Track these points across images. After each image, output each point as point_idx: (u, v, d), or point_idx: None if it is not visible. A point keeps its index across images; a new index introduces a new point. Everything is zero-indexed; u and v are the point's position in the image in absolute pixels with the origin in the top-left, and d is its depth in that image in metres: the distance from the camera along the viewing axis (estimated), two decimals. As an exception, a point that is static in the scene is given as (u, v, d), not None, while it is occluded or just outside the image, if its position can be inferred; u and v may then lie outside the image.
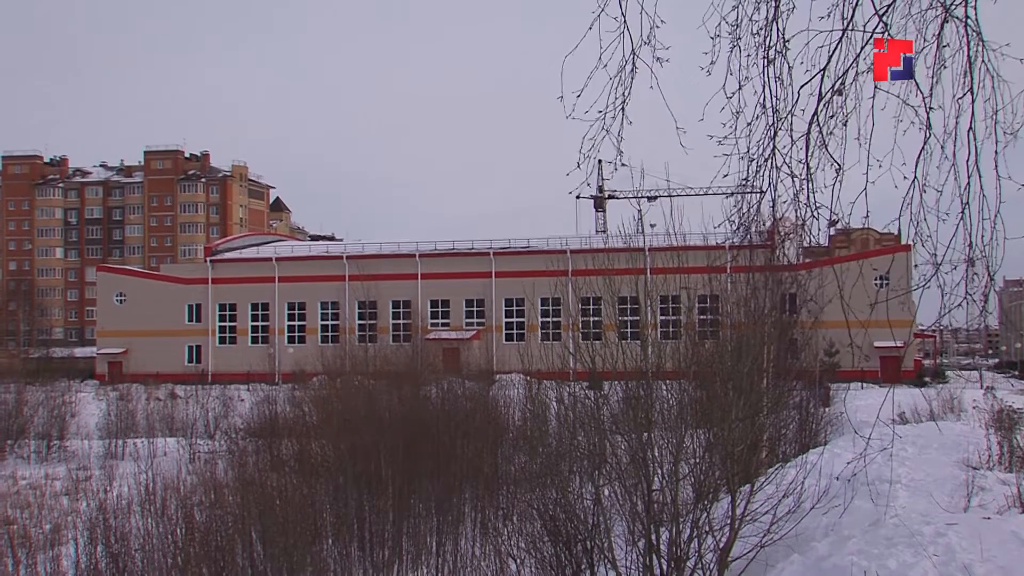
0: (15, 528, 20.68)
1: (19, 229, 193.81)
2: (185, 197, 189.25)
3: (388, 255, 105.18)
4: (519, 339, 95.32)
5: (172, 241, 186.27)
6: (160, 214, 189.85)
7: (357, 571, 19.08)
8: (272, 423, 35.78)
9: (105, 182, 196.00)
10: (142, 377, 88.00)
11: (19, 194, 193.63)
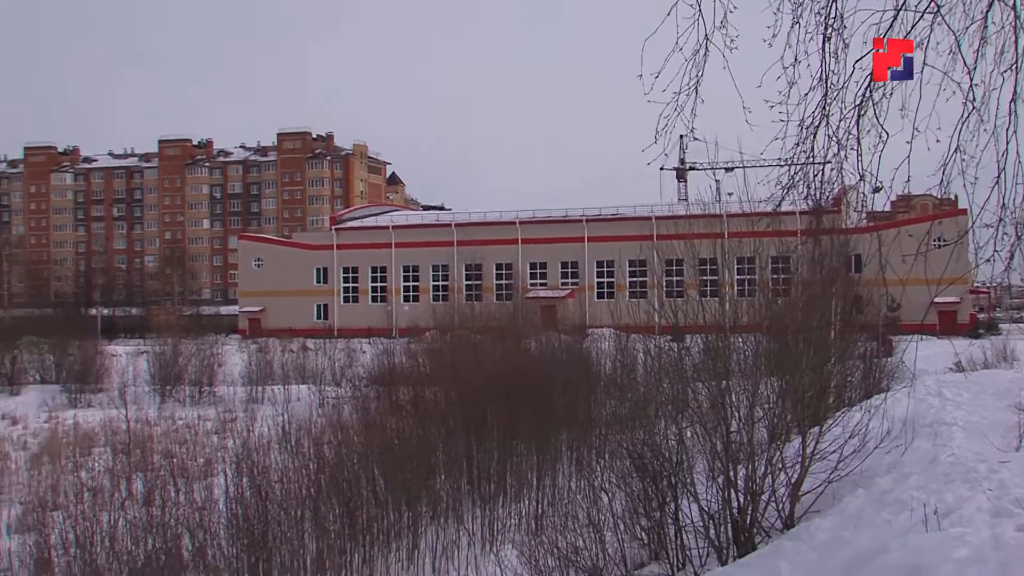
0: (175, 461, 20.93)
1: (172, 203, 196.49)
2: (313, 173, 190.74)
3: (492, 222, 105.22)
4: (609, 297, 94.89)
5: (302, 212, 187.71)
6: (291, 189, 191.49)
7: (466, 503, 19.07)
8: (390, 372, 35.88)
9: (244, 161, 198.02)
10: (277, 332, 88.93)
11: (172, 173, 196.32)
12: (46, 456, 35.05)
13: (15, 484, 29.80)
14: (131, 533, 13.27)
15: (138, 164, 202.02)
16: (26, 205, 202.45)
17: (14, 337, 69.49)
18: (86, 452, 34.30)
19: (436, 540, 16.50)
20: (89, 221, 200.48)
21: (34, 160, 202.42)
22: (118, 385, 56.73)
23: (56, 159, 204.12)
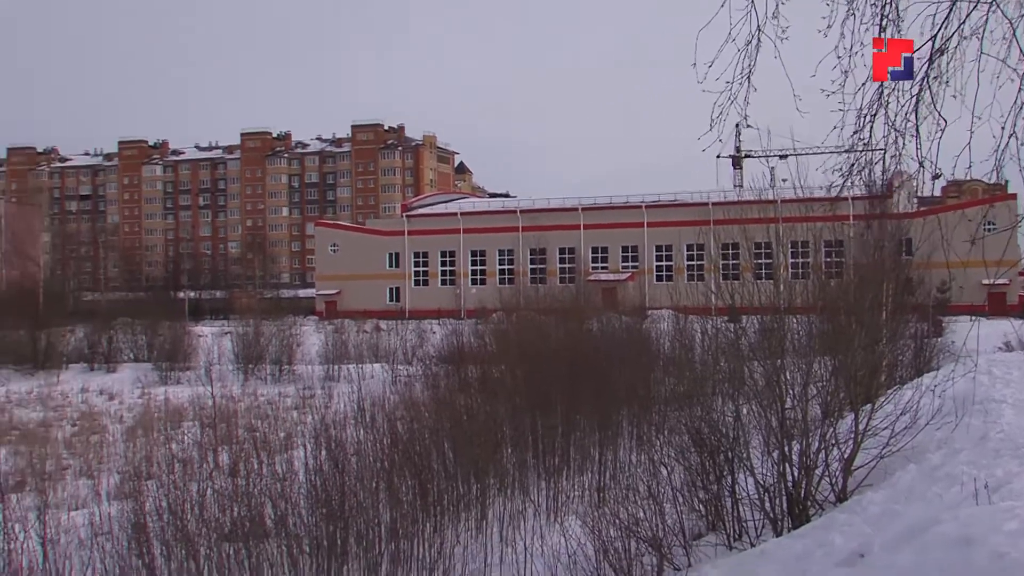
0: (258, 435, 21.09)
1: (254, 193, 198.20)
2: (385, 163, 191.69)
3: (555, 209, 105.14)
4: (668, 280, 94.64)
5: (375, 200, 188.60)
6: (365, 178, 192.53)
7: (532, 476, 19.06)
8: (459, 352, 35.98)
9: (320, 152, 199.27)
10: (352, 314, 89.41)
11: (254, 164, 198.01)
12: (140, 429, 35.54)
13: (113, 455, 30.24)
14: (218, 501, 13.36)
15: (222, 156, 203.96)
16: (120, 195, 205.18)
17: (110, 319, 70.48)
18: (176, 426, 34.73)
19: (503, 510, 16.49)
20: (177, 210, 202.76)
21: (127, 154, 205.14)
22: (204, 363, 57.38)
23: (147, 152, 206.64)
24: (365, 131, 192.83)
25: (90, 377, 59.35)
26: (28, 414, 43.24)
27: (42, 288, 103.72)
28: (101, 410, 44.23)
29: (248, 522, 13.13)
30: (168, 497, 12.89)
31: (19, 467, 27.72)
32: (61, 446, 33.33)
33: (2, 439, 35.39)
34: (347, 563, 13.08)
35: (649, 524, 12.03)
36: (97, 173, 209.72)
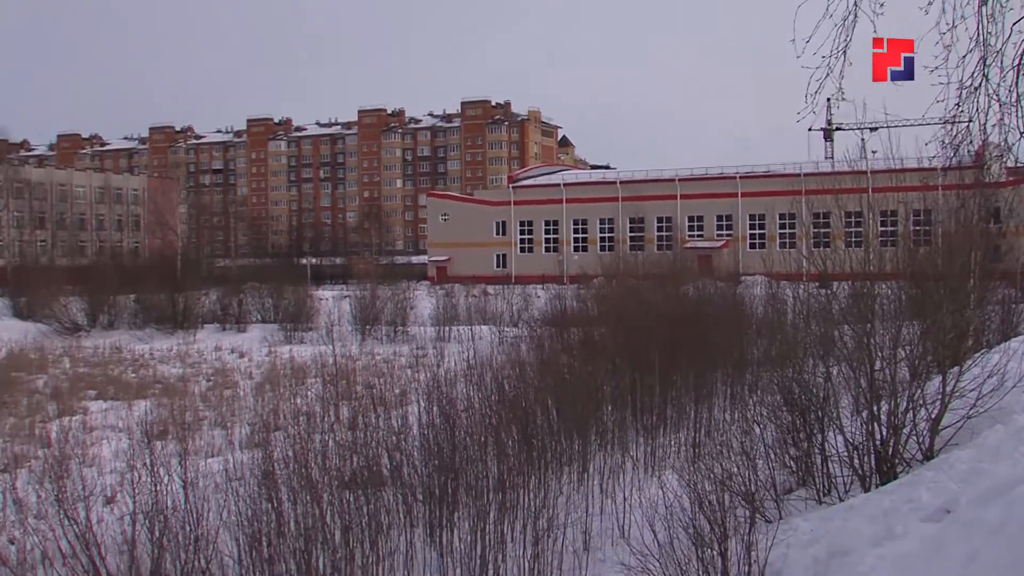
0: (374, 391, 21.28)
1: (370, 166, 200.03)
2: (492, 137, 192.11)
3: (653, 180, 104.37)
4: (761, 247, 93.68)
5: (483, 172, 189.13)
6: (473, 151, 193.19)
7: (630, 433, 18.99)
8: (562, 315, 35.91)
9: (432, 127, 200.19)
10: (462, 279, 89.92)
11: (370, 139, 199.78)
12: (268, 385, 36.08)
13: (244, 408, 30.76)
14: (339, 452, 13.50)
15: (341, 132, 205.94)
16: (248, 169, 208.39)
17: (240, 283, 71.65)
18: (300, 382, 35.17)
19: (604, 464, 16.47)
20: (300, 182, 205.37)
21: (255, 131, 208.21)
22: (325, 324, 58.05)
23: (272, 129, 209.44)
24: (474, 107, 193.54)
25: (222, 336, 60.49)
26: (169, 370, 44.17)
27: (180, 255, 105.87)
28: (232, 367, 45.00)
29: (366, 471, 13.26)
30: (294, 447, 13.05)
31: (162, 417, 28.27)
32: (198, 399, 33.97)
33: (147, 392, 36.21)
34: (457, 511, 13.16)
35: (742, 479, 11.92)
36: (228, 149, 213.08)
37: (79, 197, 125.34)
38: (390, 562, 11.51)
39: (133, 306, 68.86)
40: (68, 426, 28.52)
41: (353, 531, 11.87)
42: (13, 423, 30.10)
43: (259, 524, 11.28)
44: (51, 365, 46.31)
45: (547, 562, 11.54)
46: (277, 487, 11.97)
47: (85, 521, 12.08)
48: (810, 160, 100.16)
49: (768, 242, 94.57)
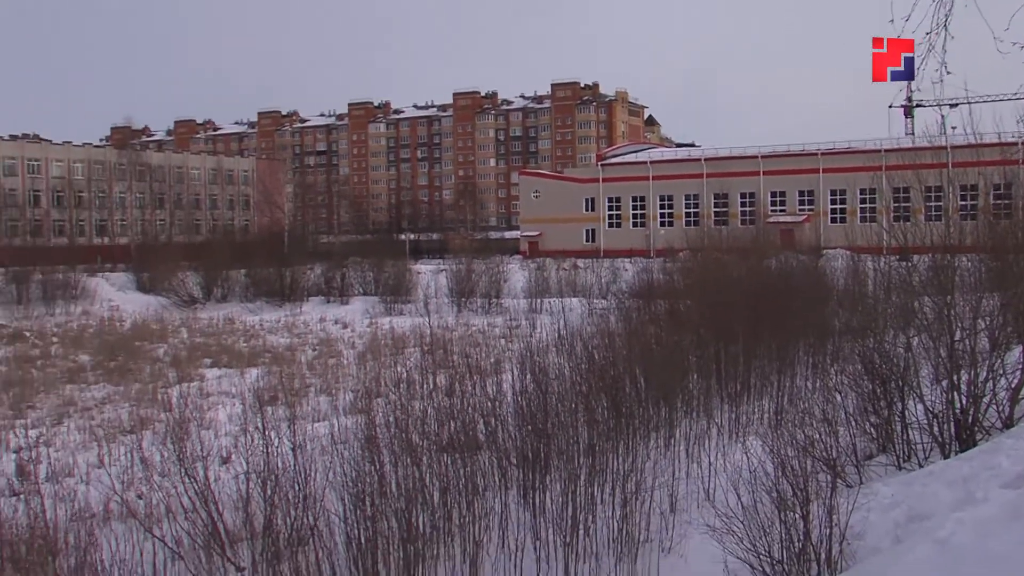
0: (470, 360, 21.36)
1: (465, 146, 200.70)
2: (581, 117, 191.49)
3: (737, 156, 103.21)
4: (842, 221, 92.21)
5: (572, 151, 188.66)
6: (563, 131, 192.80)
7: (715, 400, 18.88)
8: (649, 287, 35.72)
9: (523, 108, 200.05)
10: (553, 253, 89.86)
11: (465, 120, 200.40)
12: (369, 354, 36.47)
13: (347, 376, 31.15)
14: (437, 418, 13.60)
15: (437, 114, 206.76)
16: (350, 150, 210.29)
17: (343, 258, 72.50)
18: (400, 351, 35.51)
19: (690, 431, 16.38)
20: (398, 162, 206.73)
21: (356, 114, 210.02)
22: (423, 297, 58.61)
23: (372, 112, 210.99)
24: (563, 89, 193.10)
25: (327, 308, 61.26)
26: (277, 340, 44.87)
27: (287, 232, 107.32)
28: (336, 337, 45.56)
29: (463, 436, 13.35)
30: (394, 413, 13.17)
31: (272, 384, 28.77)
32: (304, 367, 34.49)
33: (257, 361, 36.85)
34: (549, 474, 13.20)
35: (824, 445, 11.78)
36: (331, 132, 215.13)
37: (194, 179, 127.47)
38: (486, 522, 11.58)
39: (244, 280, 70.10)
40: (187, 392, 29.19)
41: (451, 492, 11.97)
42: (138, 388, 30.92)
43: (363, 485, 11.41)
44: (170, 335, 47.37)
45: (635, 523, 11.54)
46: (379, 450, 12.09)
47: (204, 479, 12.43)
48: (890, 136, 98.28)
49: (849, 216, 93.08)
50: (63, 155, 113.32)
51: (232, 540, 12.27)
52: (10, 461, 21.26)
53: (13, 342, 47.06)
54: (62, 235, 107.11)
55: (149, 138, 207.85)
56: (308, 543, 11.16)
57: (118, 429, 24.50)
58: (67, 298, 66.98)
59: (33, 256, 77.76)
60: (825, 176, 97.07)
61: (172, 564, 11.46)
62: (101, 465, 19.55)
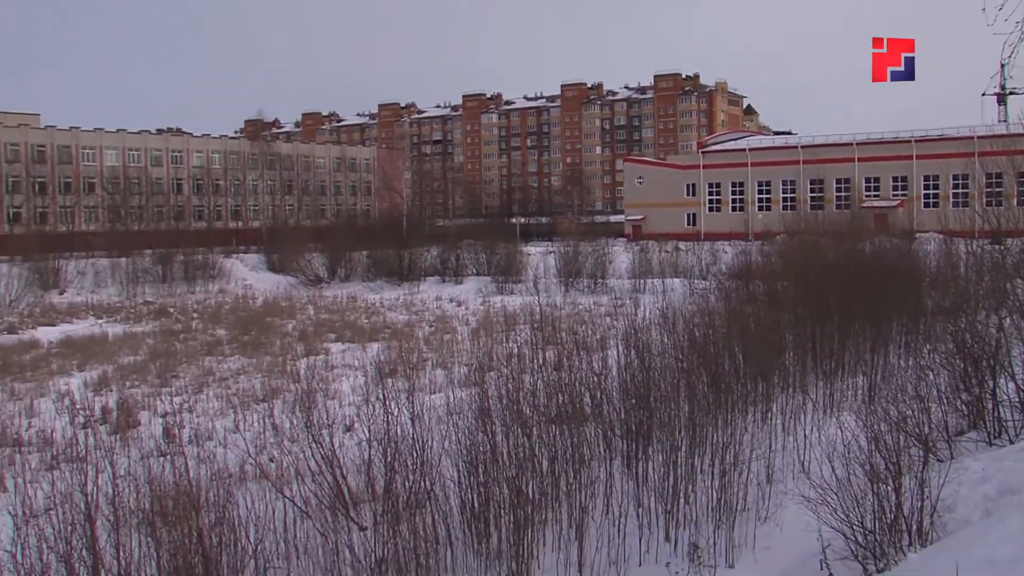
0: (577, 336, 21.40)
1: (572, 135, 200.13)
2: (683, 107, 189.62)
3: (832, 144, 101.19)
4: (935, 206, 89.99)
5: (674, 139, 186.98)
6: (665, 120, 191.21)
7: (810, 377, 18.65)
8: (747, 268, 35.37)
9: (628, 99, 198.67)
10: (655, 236, 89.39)
11: (572, 110, 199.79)
12: (482, 330, 36.73)
13: (462, 350, 31.43)
14: (546, 391, 13.67)
15: (545, 104, 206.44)
16: (464, 139, 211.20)
17: (457, 240, 73.03)
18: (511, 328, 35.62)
19: (786, 406, 16.25)
20: (509, 150, 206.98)
21: (469, 105, 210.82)
22: (533, 277, 58.72)
23: (485, 104, 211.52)
24: (666, 80, 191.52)
25: (442, 287, 61.82)
26: (396, 316, 45.46)
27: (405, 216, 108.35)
28: (451, 314, 45.99)
29: (570, 408, 13.41)
30: (506, 386, 13.28)
31: (391, 358, 29.16)
32: (422, 342, 34.89)
33: (378, 336, 37.39)
34: (651, 445, 13.19)
35: (915, 421, 11.60)
36: (446, 122, 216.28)
37: (320, 167, 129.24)
38: (591, 489, 11.65)
39: (366, 261, 71.09)
40: (313, 364, 29.82)
41: (558, 461, 12.06)
42: (269, 361, 31.64)
43: (476, 453, 11.56)
44: (298, 312, 48.31)
45: (733, 492, 11.50)
46: (492, 421, 12.22)
47: (329, 445, 12.71)
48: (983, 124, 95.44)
49: (942, 201, 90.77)
50: (202, 146, 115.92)
51: (355, 501, 12.51)
52: (158, 425, 22.01)
53: (159, 317, 48.57)
54: (201, 219, 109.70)
55: (279, 130, 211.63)
56: (425, 506, 11.32)
57: (252, 398, 25.16)
58: (206, 277, 68.82)
59: (176, 239, 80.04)
60: (918, 162, 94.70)
61: (301, 522, 11.73)
62: (237, 430, 20.11)
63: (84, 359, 33.80)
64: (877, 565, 8.87)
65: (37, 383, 29.23)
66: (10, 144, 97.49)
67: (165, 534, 8.65)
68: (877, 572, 8.73)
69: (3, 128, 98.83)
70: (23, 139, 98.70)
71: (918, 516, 9.09)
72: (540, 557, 10.76)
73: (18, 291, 59.33)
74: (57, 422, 22.84)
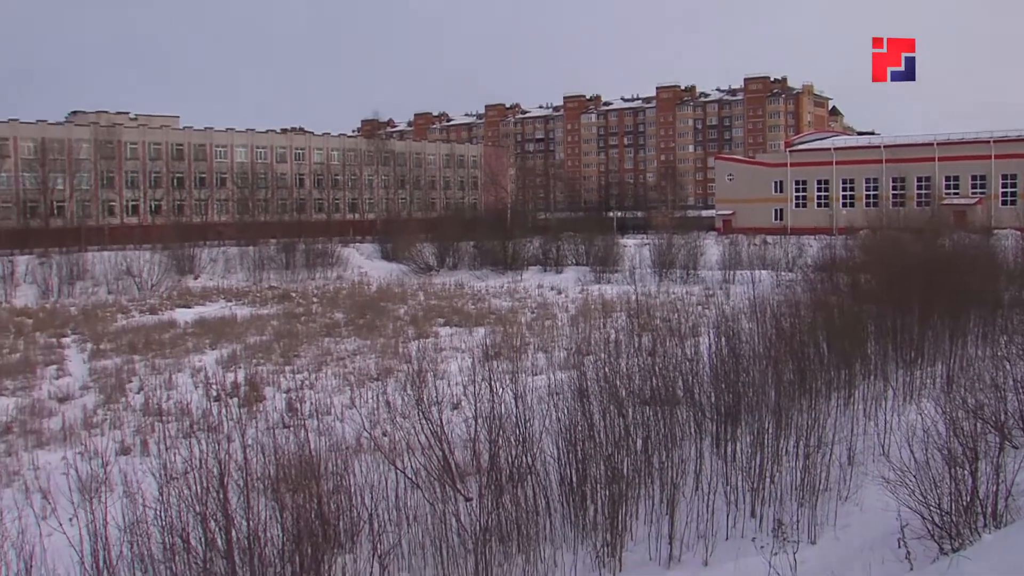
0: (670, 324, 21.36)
1: (666, 134, 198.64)
2: (771, 108, 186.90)
3: (913, 144, 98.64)
4: (1012, 204, 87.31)
5: (762, 138, 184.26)
6: (754, 120, 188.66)
7: (891, 365, 18.34)
8: (832, 262, 34.81)
9: (719, 100, 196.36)
10: (744, 230, 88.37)
11: (666, 111, 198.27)
12: (581, 317, 36.74)
13: (561, 335, 31.51)
14: (640, 374, 13.72)
15: (641, 105, 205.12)
16: (565, 138, 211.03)
17: (558, 232, 73.12)
18: (608, 315, 35.63)
19: (867, 392, 16.03)
20: (607, 148, 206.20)
21: (570, 106, 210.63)
22: (628, 267, 58.52)
23: (584, 104, 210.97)
24: (755, 82, 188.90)
25: (543, 276, 61.89)
26: (500, 303, 45.70)
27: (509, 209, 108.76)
28: (552, 301, 46.06)
29: (663, 391, 13.44)
30: (604, 368, 13.37)
31: (496, 342, 29.37)
32: (524, 327, 35.02)
33: (483, 321, 37.66)
34: (739, 427, 13.16)
35: (992, 409, 11.39)
36: (548, 121, 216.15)
37: (430, 163, 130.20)
38: (682, 468, 11.67)
39: (472, 251, 71.52)
40: (423, 346, 30.17)
41: (652, 440, 12.11)
42: (382, 343, 32.11)
43: (575, 431, 11.68)
44: (409, 297, 48.88)
45: (816, 473, 11.44)
46: (589, 402, 12.33)
47: (438, 421, 12.94)
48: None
49: (1019, 199, 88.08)
50: (322, 144, 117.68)
51: (461, 474, 12.72)
52: (282, 399, 22.54)
53: (282, 301, 49.56)
54: (321, 212, 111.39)
55: (393, 129, 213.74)
56: (526, 479, 11.47)
57: (366, 376, 25.58)
58: (325, 265, 69.94)
59: (298, 229, 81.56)
60: (997, 162, 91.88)
61: (411, 492, 11.97)
62: (353, 406, 20.43)
63: (216, 338, 34.68)
64: (952, 544, 8.78)
65: (175, 359, 30.13)
66: (153, 143, 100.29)
67: (288, 498, 8.86)
68: (952, 551, 8.64)
69: (148, 129, 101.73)
70: (164, 139, 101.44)
71: (993, 499, 8.97)
72: (633, 529, 10.84)
73: (158, 276, 61.32)
74: (192, 395, 23.59)
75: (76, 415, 21.71)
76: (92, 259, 63.58)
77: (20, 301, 52.69)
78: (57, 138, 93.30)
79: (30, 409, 22.64)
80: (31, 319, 43.01)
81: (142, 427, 20.33)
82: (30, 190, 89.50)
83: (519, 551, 10.11)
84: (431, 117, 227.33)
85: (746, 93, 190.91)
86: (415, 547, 10.40)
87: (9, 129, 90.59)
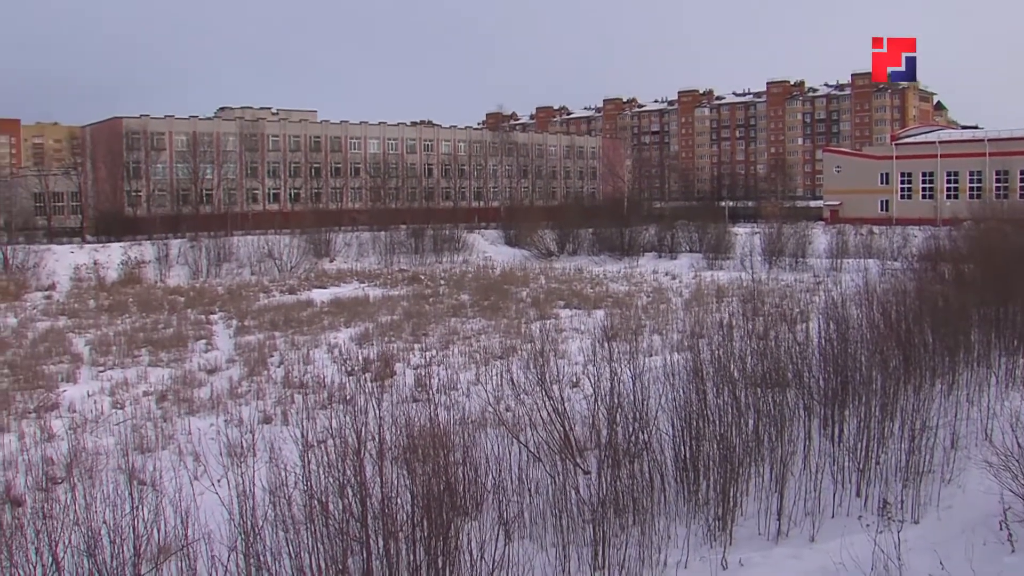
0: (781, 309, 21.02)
1: (776, 127, 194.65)
2: (877, 103, 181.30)
3: (1017, 138, 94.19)
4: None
5: (869, 132, 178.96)
6: (861, 114, 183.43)
7: (994, 352, 17.70)
8: (936, 252, 33.69)
9: (827, 95, 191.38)
10: (851, 220, 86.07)
11: (776, 105, 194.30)
12: (694, 301, 36.40)
13: (676, 319, 31.25)
14: (752, 357, 13.59)
15: (752, 100, 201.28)
16: (679, 131, 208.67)
17: (672, 221, 72.47)
18: (720, 300, 35.23)
19: (971, 378, 15.56)
20: (719, 141, 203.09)
21: (684, 100, 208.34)
22: (740, 255, 57.65)
23: (698, 99, 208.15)
24: (862, 78, 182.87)
25: (658, 262, 61.46)
26: (617, 287, 45.57)
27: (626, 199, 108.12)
28: (666, 286, 45.72)
29: (774, 374, 13.28)
30: (716, 351, 13.28)
31: (613, 324, 29.33)
32: (640, 311, 34.85)
33: (601, 304, 37.62)
34: (847, 409, 12.95)
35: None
36: (663, 115, 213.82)
37: (551, 154, 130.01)
38: (791, 448, 11.55)
39: (591, 237, 71.37)
40: (545, 327, 30.24)
41: (762, 420, 12.00)
42: (506, 323, 32.33)
43: (689, 410, 11.64)
44: (531, 281, 49.06)
45: (920, 455, 11.19)
46: (703, 382, 12.27)
47: (559, 398, 13.03)
48: None
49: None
50: (449, 136, 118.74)
51: (580, 449, 12.79)
52: (411, 375, 22.86)
53: (412, 283, 50.31)
54: (448, 199, 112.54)
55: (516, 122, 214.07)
56: (642, 455, 11.50)
57: (491, 355, 25.73)
58: (452, 249, 70.67)
59: (426, 216, 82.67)
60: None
61: (532, 465, 12.08)
62: (478, 382, 20.52)
63: (350, 317, 35.16)
64: (1056, 529, 8.50)
65: (312, 336, 30.69)
66: (292, 136, 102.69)
67: (419, 467, 8.96)
68: (1056, 535, 8.37)
69: (288, 123, 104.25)
70: (303, 132, 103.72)
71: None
72: (743, 505, 10.78)
73: (297, 259, 62.98)
74: (328, 369, 24.03)
75: (223, 386, 22.39)
76: (237, 243, 65.57)
77: (173, 281, 55.08)
78: (207, 132, 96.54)
79: (183, 379, 23.47)
80: (183, 297, 44.72)
81: (282, 398, 20.78)
82: (182, 180, 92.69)
83: (634, 523, 10.14)
84: (552, 110, 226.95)
85: (853, 88, 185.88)
86: (536, 516, 10.49)
87: (165, 124, 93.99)
